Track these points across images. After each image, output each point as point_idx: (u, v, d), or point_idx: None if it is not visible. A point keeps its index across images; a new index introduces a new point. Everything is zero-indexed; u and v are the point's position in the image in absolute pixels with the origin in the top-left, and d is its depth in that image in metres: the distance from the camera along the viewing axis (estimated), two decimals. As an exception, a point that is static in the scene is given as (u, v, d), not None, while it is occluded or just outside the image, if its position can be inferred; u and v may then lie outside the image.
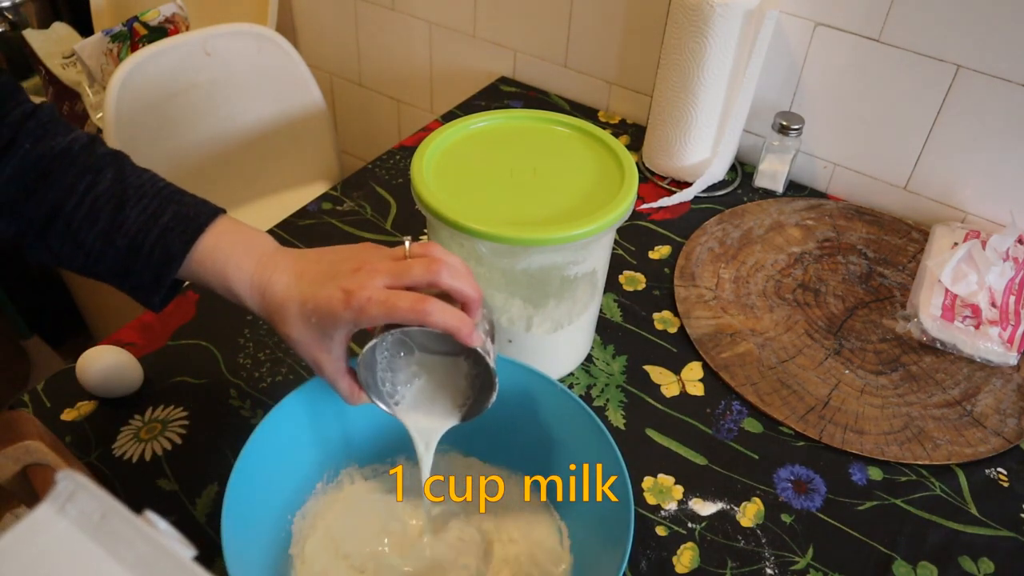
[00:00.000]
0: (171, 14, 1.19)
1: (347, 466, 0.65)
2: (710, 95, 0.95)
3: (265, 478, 0.56)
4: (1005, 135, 0.90)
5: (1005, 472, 0.71)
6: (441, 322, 0.50)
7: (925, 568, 0.63)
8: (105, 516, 0.25)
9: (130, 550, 0.25)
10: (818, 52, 0.96)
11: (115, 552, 0.25)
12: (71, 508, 0.25)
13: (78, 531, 0.25)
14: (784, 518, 0.66)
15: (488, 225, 0.60)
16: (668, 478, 0.69)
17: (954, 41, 0.87)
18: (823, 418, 0.74)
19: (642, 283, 0.87)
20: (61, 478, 0.26)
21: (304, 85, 1.23)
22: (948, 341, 0.80)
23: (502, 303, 0.68)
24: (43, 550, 0.25)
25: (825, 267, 0.91)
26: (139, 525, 0.25)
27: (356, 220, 0.94)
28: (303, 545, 0.59)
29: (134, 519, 0.26)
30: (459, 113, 1.16)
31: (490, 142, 0.71)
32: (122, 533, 0.25)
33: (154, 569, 0.25)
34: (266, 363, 0.76)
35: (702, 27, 0.90)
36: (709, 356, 0.79)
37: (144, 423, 0.69)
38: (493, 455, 0.66)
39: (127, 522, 0.25)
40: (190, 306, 0.81)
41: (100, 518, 0.25)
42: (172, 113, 1.12)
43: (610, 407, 0.74)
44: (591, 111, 1.18)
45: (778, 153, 0.99)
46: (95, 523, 0.25)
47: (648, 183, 1.03)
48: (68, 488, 0.26)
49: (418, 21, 1.30)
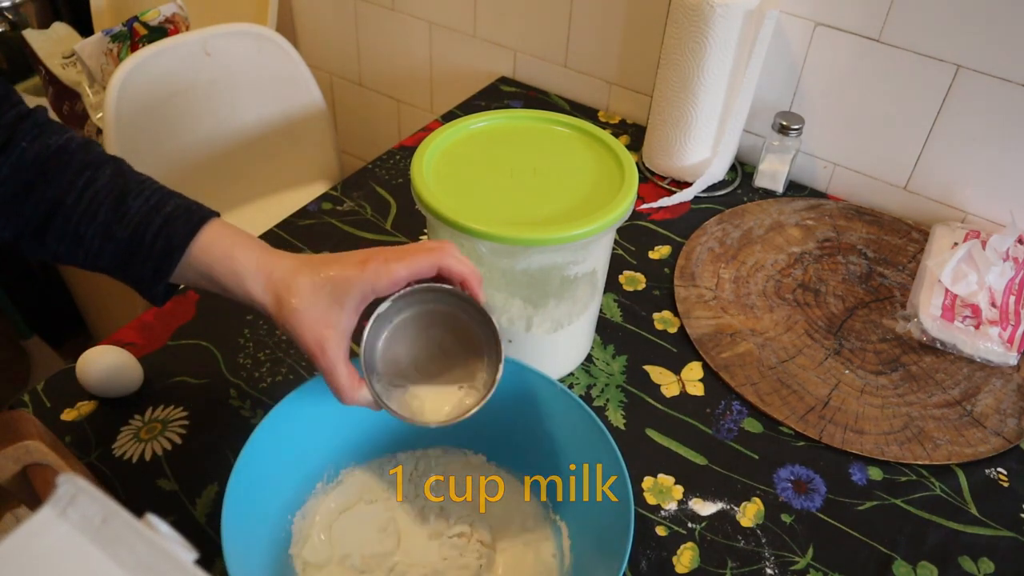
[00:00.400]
0: (171, 14, 1.19)
1: (347, 466, 0.65)
2: (710, 95, 0.95)
3: (265, 478, 0.56)
4: (1005, 135, 0.90)
5: (1005, 472, 0.71)
6: (458, 268, 0.53)
7: (925, 568, 0.63)
8: (106, 520, 0.25)
9: (131, 554, 0.25)
10: (818, 52, 0.96)
11: (116, 556, 0.25)
12: (72, 512, 0.25)
13: (79, 535, 0.25)
14: (784, 518, 0.66)
15: (488, 225, 0.61)
16: (668, 478, 0.69)
17: (954, 41, 0.87)
18: (823, 418, 0.74)
19: (642, 283, 0.87)
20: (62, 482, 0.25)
21: (304, 85, 1.23)
22: (948, 341, 0.80)
23: (502, 303, 0.68)
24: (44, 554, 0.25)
25: (825, 267, 0.91)
26: (140, 529, 0.25)
27: (356, 220, 0.94)
28: (303, 545, 0.60)
29: (135, 523, 0.25)
30: (459, 113, 1.16)
31: (490, 142, 0.71)
32: (124, 537, 0.25)
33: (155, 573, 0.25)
34: (266, 363, 0.76)
35: (702, 27, 0.90)
36: (709, 356, 0.79)
37: (144, 423, 0.69)
38: (493, 455, 0.66)
39: (128, 526, 0.25)
40: (190, 306, 0.81)
41: (101, 522, 0.25)
42: (172, 113, 1.12)
43: (610, 407, 0.74)
44: (591, 111, 1.18)
45: (778, 153, 0.99)
46: (96, 527, 0.25)
47: (648, 183, 1.03)
48: (69, 492, 0.25)
49: (418, 21, 1.30)
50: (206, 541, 0.61)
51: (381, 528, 0.62)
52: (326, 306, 0.52)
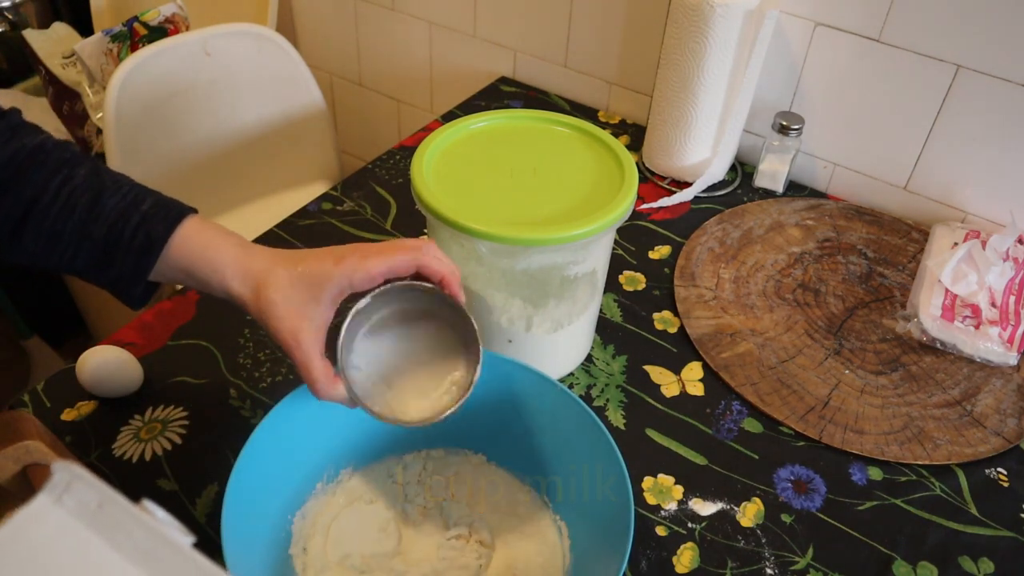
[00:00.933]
0: (171, 14, 1.19)
1: (347, 466, 0.65)
2: (710, 95, 0.95)
3: (265, 478, 0.56)
4: (1005, 135, 0.90)
5: (1005, 472, 0.71)
6: (436, 266, 0.54)
7: (925, 568, 0.63)
8: (102, 505, 0.25)
9: (129, 539, 0.25)
10: (818, 52, 0.97)
11: (114, 541, 0.25)
12: (68, 498, 0.25)
13: (76, 521, 0.25)
14: (784, 518, 0.66)
15: (488, 225, 0.61)
16: (668, 478, 0.69)
17: (954, 41, 0.87)
18: (823, 418, 0.74)
19: (642, 283, 0.87)
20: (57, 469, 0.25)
21: (304, 85, 1.23)
22: (948, 341, 0.80)
23: (502, 303, 0.68)
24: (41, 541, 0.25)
25: (825, 267, 0.91)
26: (137, 514, 0.25)
27: (356, 220, 0.94)
28: (303, 545, 0.60)
29: (132, 508, 0.25)
30: (459, 113, 1.16)
31: (490, 142, 0.71)
32: (120, 522, 0.25)
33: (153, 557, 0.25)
34: (266, 363, 0.76)
35: (702, 27, 0.90)
36: (709, 356, 0.79)
37: (144, 423, 0.69)
38: (493, 455, 0.66)
39: (125, 511, 0.25)
40: (190, 306, 0.81)
41: (97, 507, 0.25)
42: (172, 113, 1.12)
43: (610, 407, 0.74)
44: (591, 111, 1.18)
45: (778, 153, 0.99)
46: (92, 512, 0.25)
47: (648, 183, 1.03)
48: (64, 479, 0.25)
49: (418, 21, 1.30)
50: (206, 541, 0.61)
51: (381, 528, 0.62)
52: (302, 299, 0.53)
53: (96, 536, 0.25)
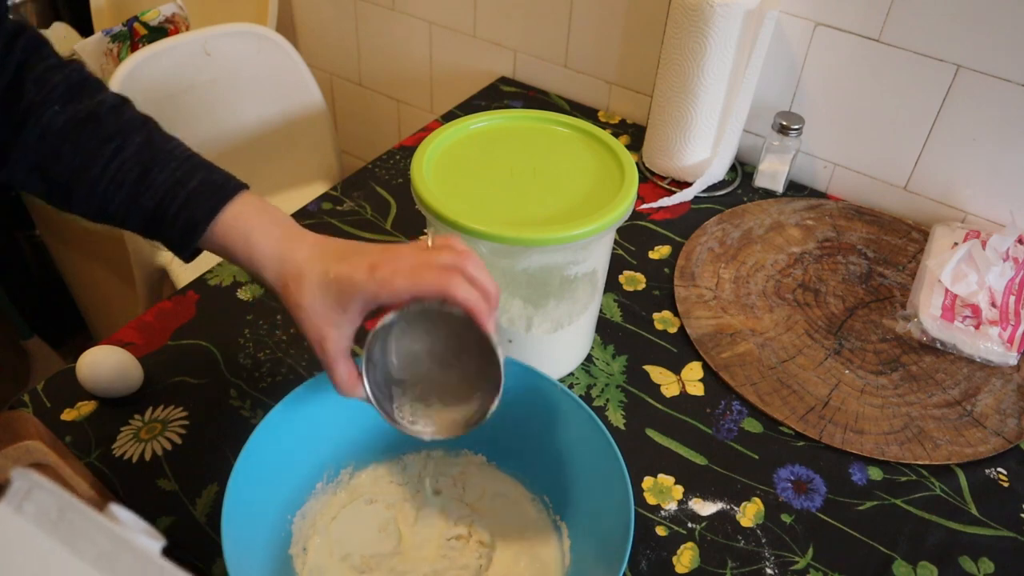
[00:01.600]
0: (171, 14, 1.19)
1: (347, 466, 0.65)
2: (710, 95, 0.95)
3: (265, 478, 0.56)
4: (1005, 135, 0.90)
5: (1005, 472, 0.71)
6: (463, 297, 0.50)
7: (925, 568, 0.63)
8: (63, 512, 0.25)
9: (92, 545, 0.25)
10: (818, 52, 0.96)
11: (76, 548, 0.25)
12: (28, 506, 0.25)
13: (36, 528, 0.25)
14: (784, 518, 0.66)
15: (488, 225, 0.61)
16: (668, 478, 0.69)
17: (954, 41, 0.87)
18: (823, 418, 0.74)
19: (642, 283, 0.87)
20: (16, 477, 0.25)
21: (304, 85, 1.23)
22: (948, 341, 0.80)
23: (502, 303, 0.68)
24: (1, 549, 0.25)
25: (825, 267, 0.91)
26: (99, 520, 0.25)
27: (356, 220, 0.94)
28: (303, 545, 0.60)
29: (93, 514, 0.25)
30: (459, 113, 1.16)
31: (490, 142, 0.71)
32: (82, 529, 0.25)
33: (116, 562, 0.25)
34: (266, 363, 0.76)
35: (702, 27, 0.90)
36: (709, 356, 0.79)
37: (144, 423, 0.69)
38: (493, 455, 0.66)
39: (86, 517, 0.25)
40: (190, 306, 0.81)
41: (58, 514, 0.25)
42: (172, 113, 1.12)
43: (610, 407, 0.74)
44: (591, 111, 1.18)
45: (778, 153, 0.99)
46: (53, 520, 0.25)
47: (648, 183, 1.03)
48: (23, 486, 0.25)
49: (418, 21, 1.30)
50: (206, 541, 0.61)
51: (381, 528, 0.62)
52: (329, 306, 0.53)
53: (57, 543, 0.25)
